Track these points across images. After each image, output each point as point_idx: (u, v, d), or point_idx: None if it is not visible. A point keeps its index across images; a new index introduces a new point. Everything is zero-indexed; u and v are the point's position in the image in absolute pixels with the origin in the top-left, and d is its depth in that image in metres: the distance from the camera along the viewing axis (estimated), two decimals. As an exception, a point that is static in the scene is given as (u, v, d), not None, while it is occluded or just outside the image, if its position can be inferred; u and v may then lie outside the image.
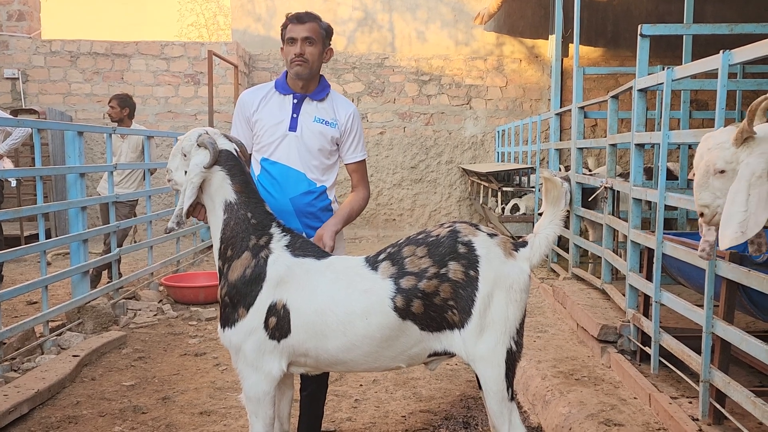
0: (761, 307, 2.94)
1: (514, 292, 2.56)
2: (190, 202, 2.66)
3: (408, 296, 2.51)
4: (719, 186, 2.30)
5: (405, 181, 12.51)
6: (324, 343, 2.57)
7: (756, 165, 2.19)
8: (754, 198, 2.17)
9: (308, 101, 3.07)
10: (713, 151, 2.32)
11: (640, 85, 4.19)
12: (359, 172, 3.20)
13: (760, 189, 2.17)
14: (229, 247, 2.68)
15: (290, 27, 2.98)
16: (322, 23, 3.04)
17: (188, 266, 8.33)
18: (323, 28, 3.04)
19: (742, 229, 2.17)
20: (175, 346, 5.35)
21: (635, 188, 4.24)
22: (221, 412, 4.01)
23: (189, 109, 11.69)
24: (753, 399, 2.70)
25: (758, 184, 2.17)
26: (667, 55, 9.78)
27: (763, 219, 2.16)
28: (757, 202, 2.16)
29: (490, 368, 2.54)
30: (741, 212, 2.17)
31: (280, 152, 3.02)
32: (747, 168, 2.20)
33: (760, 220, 2.16)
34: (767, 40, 2.71)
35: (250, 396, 2.66)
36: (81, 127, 5.83)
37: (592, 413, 3.45)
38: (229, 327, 2.64)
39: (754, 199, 2.17)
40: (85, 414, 3.98)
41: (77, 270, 5.58)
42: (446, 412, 3.99)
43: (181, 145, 2.77)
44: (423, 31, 12.64)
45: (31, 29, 12.11)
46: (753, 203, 2.17)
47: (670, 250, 3.63)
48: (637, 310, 4.22)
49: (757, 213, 2.16)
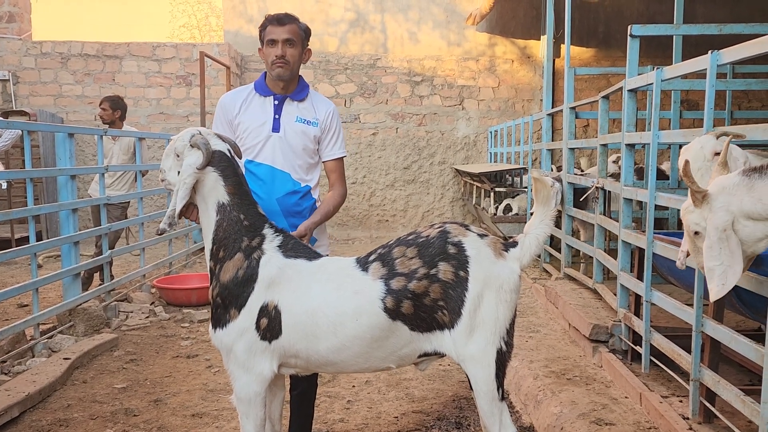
0: (750, 306, 2.95)
1: (504, 292, 2.56)
2: (182, 203, 2.65)
3: (398, 297, 2.51)
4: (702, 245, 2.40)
5: (398, 182, 12.52)
6: (315, 344, 2.58)
7: (718, 220, 2.29)
8: (725, 251, 2.27)
9: (289, 102, 3.09)
10: (685, 216, 2.44)
11: (630, 85, 4.20)
12: (337, 170, 3.23)
13: (729, 242, 2.27)
14: (221, 249, 2.67)
15: (270, 29, 3.00)
16: (300, 24, 3.07)
17: (181, 268, 8.32)
18: (302, 29, 3.07)
19: (722, 281, 2.27)
20: (167, 348, 5.34)
21: (626, 188, 4.25)
22: (213, 414, 4.01)
23: (181, 111, 11.66)
24: (742, 397, 2.71)
25: (725, 238, 2.27)
26: (658, 55, 9.82)
27: (739, 268, 2.26)
28: (729, 254, 2.27)
29: (481, 368, 2.54)
30: (717, 266, 2.28)
31: (265, 153, 3.04)
32: (711, 225, 2.30)
33: (737, 270, 2.26)
34: (755, 40, 2.72)
35: (241, 397, 2.65)
36: (72, 129, 5.80)
37: (584, 413, 3.46)
38: (221, 328, 2.64)
39: (726, 252, 2.27)
40: (76, 417, 3.96)
41: (68, 272, 5.56)
42: (439, 413, 3.99)
43: (174, 146, 2.75)
44: (415, 32, 12.65)
45: (22, 31, 12.06)
46: (726, 256, 2.27)
47: (660, 250, 3.65)
48: (628, 310, 4.23)
49: (733, 264, 2.26)
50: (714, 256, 2.27)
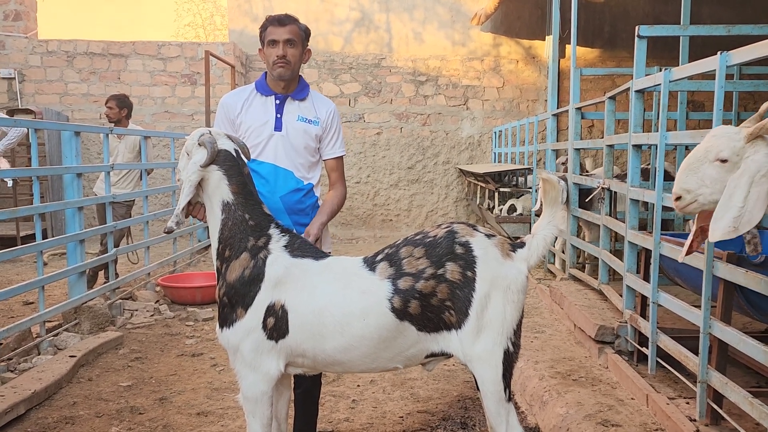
0: (759, 308, 2.94)
1: (511, 293, 2.57)
2: (186, 200, 2.67)
3: (405, 297, 2.51)
4: (712, 175, 2.27)
5: (402, 182, 12.51)
6: (321, 344, 2.58)
7: (763, 163, 2.17)
8: (753, 195, 2.15)
9: (290, 101, 3.13)
10: (720, 139, 2.29)
11: (637, 86, 4.19)
12: (338, 169, 3.25)
13: (761, 188, 2.15)
14: (227, 248, 2.68)
15: (270, 29, 3.03)
16: (300, 25, 3.11)
17: (185, 267, 8.32)
18: (302, 30, 3.11)
19: (735, 224, 2.16)
20: (172, 347, 5.34)
21: (632, 189, 4.24)
22: (218, 413, 4.01)
23: (186, 110, 11.67)
24: (750, 399, 2.71)
25: (760, 183, 2.16)
26: (664, 56, 9.77)
27: (757, 217, 2.15)
28: (755, 199, 2.15)
29: (488, 369, 2.54)
30: (737, 207, 2.15)
31: (268, 152, 3.07)
32: (754, 164, 2.18)
33: (755, 219, 2.15)
34: (765, 41, 2.71)
35: (248, 396, 2.66)
36: (78, 127, 5.82)
37: (590, 414, 3.45)
38: (228, 327, 2.65)
39: (753, 197, 2.15)
40: (82, 414, 3.97)
41: (74, 270, 5.57)
42: (444, 413, 3.99)
43: (186, 145, 2.79)
44: (420, 32, 12.64)
45: (28, 29, 12.09)
46: (752, 200, 2.15)
47: (667, 251, 3.64)
48: (634, 311, 4.22)
49: (753, 211, 2.15)
50: (739, 196, 2.16)
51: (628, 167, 4.34)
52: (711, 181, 2.27)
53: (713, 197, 2.27)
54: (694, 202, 2.32)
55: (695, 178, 2.30)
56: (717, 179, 2.26)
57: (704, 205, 2.32)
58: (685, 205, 2.35)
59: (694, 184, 2.30)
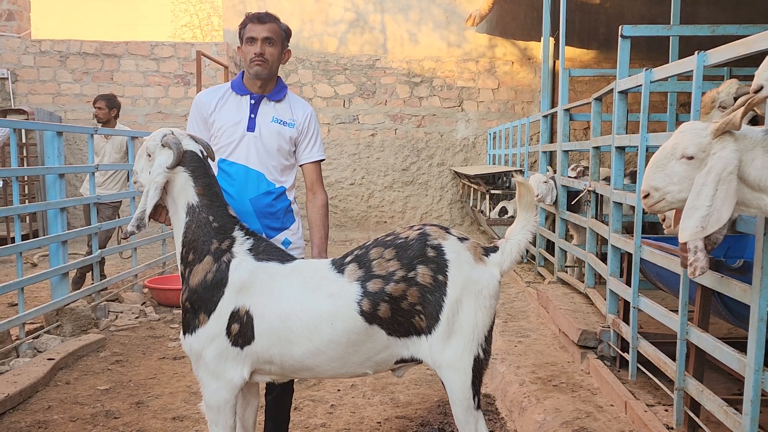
0: (735, 313, 2.88)
1: (483, 298, 2.50)
2: (153, 203, 2.60)
3: (375, 300, 2.45)
4: (679, 172, 2.20)
5: (396, 183, 12.46)
6: (289, 349, 2.52)
7: (729, 160, 2.09)
8: (720, 194, 2.08)
9: (266, 102, 3.05)
10: (686, 135, 2.22)
11: (620, 86, 4.13)
12: (316, 173, 3.18)
13: (728, 186, 2.08)
14: (190, 251, 2.62)
15: (250, 26, 2.95)
16: (281, 24, 3.03)
17: (174, 268, 8.26)
18: (283, 29, 3.03)
19: (703, 224, 2.09)
20: (154, 350, 5.29)
21: (615, 192, 4.18)
22: (194, 418, 3.96)
23: (179, 110, 11.62)
24: (725, 408, 2.65)
25: (727, 180, 2.08)
26: (659, 57, 9.73)
27: (726, 216, 2.07)
28: (723, 198, 2.08)
29: (456, 375, 2.48)
30: (705, 206, 2.08)
31: (239, 153, 2.99)
32: (720, 161, 2.10)
33: (723, 217, 2.07)
34: (741, 41, 2.66)
35: (210, 404, 2.59)
36: (61, 128, 5.77)
37: (567, 420, 3.39)
38: (190, 333, 2.58)
39: (720, 195, 2.08)
40: (56, 419, 3.92)
41: (55, 272, 5.51)
42: (422, 418, 3.93)
43: (146, 145, 2.71)
44: (415, 33, 12.60)
45: (21, 29, 12.06)
46: (719, 199, 2.08)
47: (647, 255, 3.58)
48: (617, 316, 4.16)
49: (721, 210, 2.07)
50: (706, 195, 2.08)
51: (612, 169, 4.28)
52: (678, 179, 2.20)
53: (681, 195, 2.20)
54: (662, 200, 2.25)
55: (662, 175, 2.23)
56: (684, 177, 2.18)
57: (673, 204, 2.25)
58: (653, 203, 2.28)
59: (662, 182, 2.23)
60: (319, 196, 3.17)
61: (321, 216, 3.15)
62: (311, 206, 3.16)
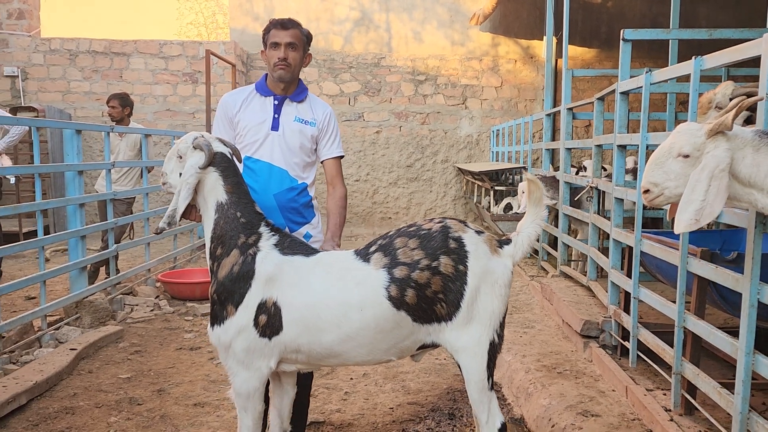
0: (730, 302, 3.06)
1: (498, 286, 2.67)
2: (185, 203, 2.75)
3: (402, 286, 2.59)
4: (676, 169, 2.38)
5: (401, 180, 12.64)
6: (318, 337, 2.64)
7: (722, 158, 2.28)
8: (713, 189, 2.26)
9: (288, 102, 3.23)
10: (682, 135, 2.40)
11: (622, 87, 4.31)
12: (335, 168, 3.35)
13: (720, 182, 2.26)
14: (219, 246, 2.76)
15: (273, 32, 3.13)
16: (303, 30, 3.21)
17: (185, 263, 8.45)
18: (304, 34, 3.21)
19: (697, 216, 2.26)
20: (171, 341, 5.47)
21: (617, 188, 4.36)
22: (215, 404, 4.13)
23: (187, 108, 11.80)
24: (719, 390, 2.83)
25: (719, 177, 2.26)
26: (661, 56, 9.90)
27: (717, 210, 2.26)
28: (715, 193, 2.26)
29: (473, 359, 2.64)
30: (699, 201, 2.26)
31: (263, 151, 3.17)
32: (713, 159, 2.28)
33: (715, 211, 2.26)
34: (735, 47, 2.83)
35: (240, 392, 2.74)
36: (79, 126, 5.94)
37: (571, 404, 3.57)
38: (218, 325, 2.71)
39: (713, 190, 2.26)
40: (82, 405, 4.09)
41: (75, 266, 5.70)
42: (433, 404, 4.11)
43: (177, 148, 2.86)
44: (419, 32, 12.77)
45: (31, 27, 12.23)
46: (712, 194, 2.26)
47: (647, 248, 3.76)
48: (618, 306, 4.34)
49: (713, 204, 2.25)
50: (700, 190, 2.26)
51: (613, 166, 4.45)
52: (675, 176, 2.38)
53: (678, 191, 2.38)
54: (660, 195, 2.43)
55: (661, 172, 2.41)
56: (681, 174, 2.37)
57: (670, 198, 2.44)
58: (652, 198, 2.46)
59: (660, 178, 2.41)
60: (339, 189, 3.34)
61: (339, 207, 3.31)
62: (331, 198, 3.33)
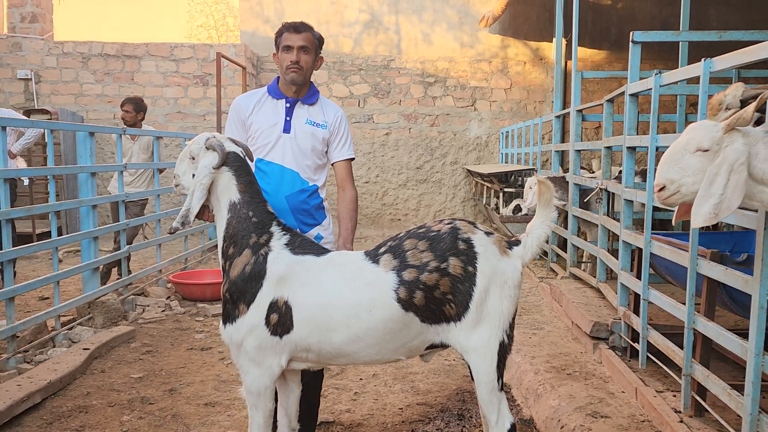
0: (739, 303, 3.07)
1: (508, 287, 2.68)
2: (199, 204, 2.78)
3: (410, 288, 2.61)
4: (695, 164, 2.35)
5: (410, 182, 12.66)
6: (328, 337, 2.67)
7: (741, 152, 2.28)
8: (732, 183, 2.25)
9: (300, 105, 3.26)
10: (699, 130, 2.39)
11: (631, 89, 4.32)
12: (346, 171, 3.38)
13: (739, 176, 2.25)
14: (231, 245, 2.79)
15: (286, 35, 3.16)
16: (315, 33, 3.24)
17: (196, 264, 8.51)
18: (316, 38, 3.24)
19: (715, 210, 2.25)
20: (182, 341, 5.51)
21: (626, 190, 4.37)
22: (225, 404, 4.17)
23: (198, 110, 11.88)
24: (729, 391, 2.84)
25: (739, 171, 2.25)
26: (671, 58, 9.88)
27: (735, 204, 2.25)
28: (734, 187, 2.25)
29: (483, 359, 2.66)
30: (717, 194, 2.25)
31: (275, 153, 3.20)
32: (733, 153, 2.28)
33: (733, 205, 2.25)
34: (744, 49, 2.84)
35: (251, 390, 2.77)
36: (92, 128, 5.99)
37: (581, 406, 3.58)
38: (230, 323, 2.75)
39: (732, 184, 2.25)
40: (95, 404, 4.14)
41: (88, 266, 5.75)
42: (442, 405, 4.12)
43: (189, 149, 2.89)
44: (429, 34, 12.79)
45: (44, 31, 12.35)
46: (731, 188, 2.25)
47: (657, 250, 3.77)
48: (627, 308, 4.35)
49: (732, 198, 2.24)
50: (719, 183, 2.25)
51: (623, 168, 4.46)
52: (693, 171, 2.36)
53: (695, 187, 2.36)
54: (676, 192, 2.40)
55: (677, 168, 2.39)
56: (699, 169, 2.34)
57: (686, 196, 2.40)
58: (668, 195, 2.43)
59: (677, 174, 2.39)
60: (349, 192, 3.37)
61: (350, 210, 3.35)
62: (341, 201, 3.36)
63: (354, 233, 3.33)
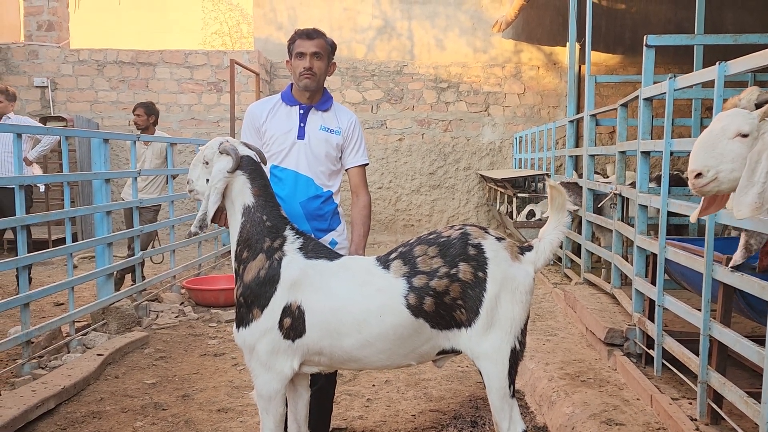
0: (756, 309, 3.03)
1: (519, 293, 2.67)
2: (215, 207, 2.80)
3: (420, 294, 2.62)
4: (734, 149, 2.24)
5: (423, 187, 12.65)
6: (339, 341, 2.68)
7: None
8: None
9: (314, 111, 3.26)
10: (736, 117, 2.28)
11: (645, 94, 4.29)
12: (359, 176, 3.39)
13: None
14: (245, 249, 2.81)
15: (299, 42, 3.17)
16: (327, 39, 3.25)
17: (209, 270, 8.53)
18: (329, 44, 3.25)
19: (760, 199, 2.14)
20: (195, 347, 5.53)
21: (641, 195, 4.33)
22: (238, 410, 4.17)
23: (212, 116, 11.94)
24: (746, 399, 2.80)
25: None
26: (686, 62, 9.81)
27: None
28: None
29: (494, 366, 2.65)
30: (761, 182, 2.15)
31: (290, 159, 3.21)
32: None
33: None
34: (761, 52, 2.80)
35: (262, 394, 2.78)
36: (106, 135, 6.04)
37: (595, 413, 3.55)
38: (244, 327, 2.76)
39: None
40: (108, 410, 4.15)
41: (102, 272, 5.78)
42: (455, 412, 4.10)
43: (203, 154, 2.90)
44: (442, 39, 12.79)
45: (60, 39, 12.47)
46: None
47: (671, 255, 3.73)
48: (642, 314, 4.31)
49: None
50: (762, 171, 2.14)
51: (637, 173, 4.43)
52: (732, 157, 2.24)
53: (734, 174, 2.25)
54: (714, 179, 2.28)
55: (715, 154, 2.27)
56: (738, 154, 2.23)
57: (723, 184, 2.29)
58: (705, 183, 2.30)
59: (714, 161, 2.27)
60: (362, 198, 3.37)
61: (363, 216, 3.35)
62: (355, 207, 3.37)
63: (366, 239, 3.33)
